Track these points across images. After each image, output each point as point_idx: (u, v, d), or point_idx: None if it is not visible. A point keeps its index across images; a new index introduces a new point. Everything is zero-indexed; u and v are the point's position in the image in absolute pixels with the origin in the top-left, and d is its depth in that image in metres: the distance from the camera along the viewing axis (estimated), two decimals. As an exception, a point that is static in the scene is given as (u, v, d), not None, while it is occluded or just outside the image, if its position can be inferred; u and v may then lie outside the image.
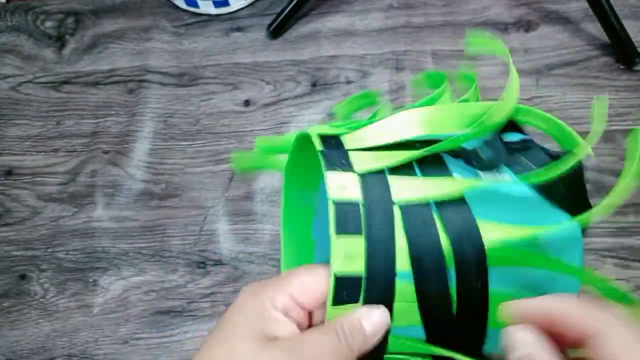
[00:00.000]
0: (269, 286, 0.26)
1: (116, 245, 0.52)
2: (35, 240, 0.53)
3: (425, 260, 0.26)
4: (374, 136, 0.30)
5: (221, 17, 0.65)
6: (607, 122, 0.55)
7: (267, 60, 0.62)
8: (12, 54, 0.65)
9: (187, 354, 0.47)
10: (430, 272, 0.26)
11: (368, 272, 0.26)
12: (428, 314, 0.27)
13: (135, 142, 0.57)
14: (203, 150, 0.56)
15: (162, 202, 0.54)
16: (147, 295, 0.49)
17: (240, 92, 0.60)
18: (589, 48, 0.59)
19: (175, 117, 0.58)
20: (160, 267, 0.50)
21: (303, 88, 0.59)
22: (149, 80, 0.61)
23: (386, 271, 0.26)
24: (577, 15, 0.61)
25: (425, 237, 0.26)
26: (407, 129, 0.31)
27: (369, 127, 0.31)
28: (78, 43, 0.65)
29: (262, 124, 0.57)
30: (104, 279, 0.50)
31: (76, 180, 0.56)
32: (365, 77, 0.59)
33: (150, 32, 0.65)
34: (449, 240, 0.26)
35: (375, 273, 0.26)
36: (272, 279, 0.27)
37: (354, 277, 0.26)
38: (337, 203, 0.26)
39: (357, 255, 0.26)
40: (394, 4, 0.65)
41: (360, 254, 0.26)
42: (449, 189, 0.27)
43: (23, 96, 0.62)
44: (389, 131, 0.31)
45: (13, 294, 0.50)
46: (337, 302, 0.25)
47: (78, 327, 0.48)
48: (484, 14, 0.63)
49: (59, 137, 0.58)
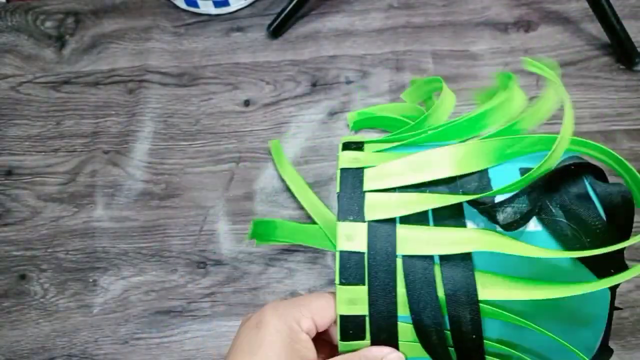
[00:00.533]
0: (292, 307, 0.29)
1: (116, 245, 0.52)
2: (35, 240, 0.53)
3: (424, 311, 0.27)
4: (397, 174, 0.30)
5: (221, 17, 0.65)
6: (607, 122, 0.55)
7: (267, 60, 0.62)
8: (12, 54, 0.65)
9: (187, 354, 0.47)
10: (429, 323, 0.27)
11: (371, 314, 0.28)
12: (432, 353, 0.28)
13: (135, 142, 0.57)
14: (203, 150, 0.56)
15: (162, 202, 0.54)
16: (147, 295, 0.49)
17: (240, 92, 0.60)
18: (589, 48, 0.59)
19: (175, 117, 0.59)
20: (160, 267, 0.50)
21: (303, 88, 0.59)
22: (149, 80, 0.61)
23: (388, 315, 0.28)
24: (577, 15, 0.61)
25: (424, 290, 0.27)
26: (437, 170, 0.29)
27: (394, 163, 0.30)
28: (78, 43, 0.65)
29: (262, 124, 0.57)
30: (104, 279, 0.50)
31: (76, 180, 0.56)
32: (365, 77, 0.59)
33: (150, 32, 0.65)
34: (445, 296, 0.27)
35: (378, 315, 0.28)
36: (293, 300, 0.29)
37: (358, 317, 0.28)
38: (342, 252, 0.28)
39: (360, 301, 0.28)
40: (394, 4, 0.65)
41: (363, 300, 0.28)
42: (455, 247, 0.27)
43: (23, 96, 0.62)
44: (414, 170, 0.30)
45: (13, 294, 0.50)
46: (345, 337, 0.28)
47: (78, 327, 0.48)
48: (484, 14, 0.63)
49: (59, 137, 0.58)
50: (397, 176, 0.30)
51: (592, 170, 0.30)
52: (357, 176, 0.30)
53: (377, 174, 0.30)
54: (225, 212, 0.53)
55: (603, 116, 0.55)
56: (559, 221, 0.27)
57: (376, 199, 0.29)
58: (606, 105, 0.55)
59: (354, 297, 0.28)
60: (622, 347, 0.44)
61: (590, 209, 0.28)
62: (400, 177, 0.30)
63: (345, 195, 0.29)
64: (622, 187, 0.29)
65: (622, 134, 0.54)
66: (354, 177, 0.30)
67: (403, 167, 0.30)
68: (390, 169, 0.30)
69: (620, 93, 0.56)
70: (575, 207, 0.28)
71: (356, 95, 0.58)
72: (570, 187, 0.29)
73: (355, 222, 0.28)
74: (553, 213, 0.28)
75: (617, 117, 0.55)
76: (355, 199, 0.29)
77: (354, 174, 0.30)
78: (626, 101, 0.55)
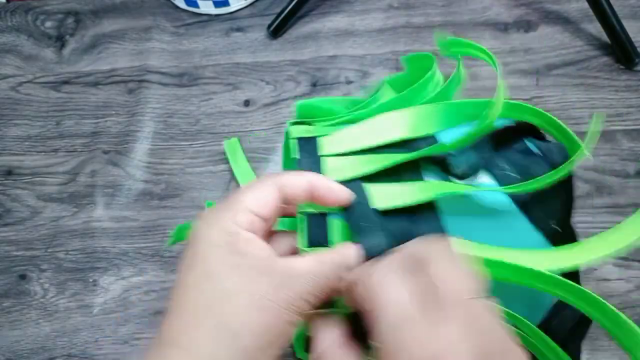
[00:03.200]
0: (224, 209, 0.26)
1: (116, 245, 0.52)
2: (35, 240, 0.53)
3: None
4: (353, 139, 0.31)
5: (221, 17, 0.65)
6: (607, 122, 0.55)
7: (267, 60, 0.62)
8: (12, 54, 0.65)
9: (187, 354, 0.47)
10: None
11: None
12: None
13: (135, 142, 0.57)
14: (203, 150, 0.56)
15: (162, 202, 0.54)
16: (147, 295, 0.49)
17: (240, 92, 0.60)
18: (589, 48, 0.59)
19: (175, 117, 0.58)
20: (160, 267, 0.50)
21: (303, 88, 0.59)
22: (149, 80, 0.61)
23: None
24: (577, 15, 0.61)
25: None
26: (388, 132, 0.31)
27: (349, 129, 0.31)
28: (78, 43, 0.65)
29: (262, 124, 0.57)
30: (104, 279, 0.50)
31: (76, 180, 0.56)
32: (365, 77, 0.59)
33: (150, 32, 0.65)
34: None
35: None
36: (223, 203, 0.26)
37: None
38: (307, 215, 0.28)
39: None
40: (394, 4, 0.65)
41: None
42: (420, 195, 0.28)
43: (23, 96, 0.62)
44: (368, 134, 0.31)
45: (13, 294, 0.50)
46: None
47: (78, 327, 0.48)
48: (484, 14, 0.63)
49: (59, 137, 0.58)
50: (352, 140, 0.31)
51: (531, 131, 0.33)
52: (312, 143, 0.31)
53: (333, 140, 0.31)
54: (225, 212, 0.53)
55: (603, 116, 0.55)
56: (509, 174, 0.30)
57: (335, 162, 0.30)
58: (606, 105, 0.55)
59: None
60: (622, 347, 0.44)
61: (537, 162, 0.30)
62: (355, 141, 0.30)
63: (304, 160, 0.30)
64: (558, 143, 0.32)
65: (622, 134, 0.54)
66: (310, 145, 0.31)
67: (357, 132, 0.31)
68: (345, 135, 0.31)
69: (620, 93, 0.56)
70: (523, 162, 0.30)
71: (356, 95, 0.58)
72: (514, 146, 0.31)
73: None
74: (504, 167, 0.30)
75: (617, 117, 0.55)
76: (315, 163, 0.29)
77: (309, 142, 0.31)
78: (626, 101, 0.55)
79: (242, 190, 0.26)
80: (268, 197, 0.26)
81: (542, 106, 0.54)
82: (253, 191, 0.26)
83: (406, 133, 0.31)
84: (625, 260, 0.47)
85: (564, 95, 0.56)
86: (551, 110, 0.57)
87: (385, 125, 0.31)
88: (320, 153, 0.30)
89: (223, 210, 0.25)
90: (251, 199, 0.26)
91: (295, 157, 0.30)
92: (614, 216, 0.49)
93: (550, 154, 0.31)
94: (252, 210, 0.25)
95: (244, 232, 0.25)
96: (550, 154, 0.31)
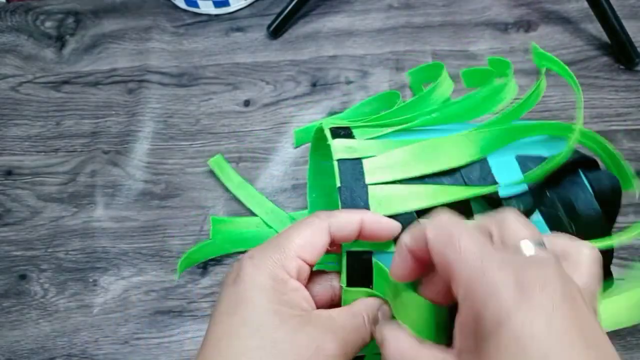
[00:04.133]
0: (272, 250, 0.24)
1: (116, 245, 0.52)
2: (35, 240, 0.53)
3: None
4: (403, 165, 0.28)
5: (221, 17, 0.65)
6: (607, 122, 0.55)
7: (267, 60, 0.62)
8: (12, 54, 0.65)
9: (187, 354, 0.47)
10: None
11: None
12: None
13: (135, 142, 0.57)
14: (203, 150, 0.56)
15: (162, 202, 0.54)
16: (147, 295, 0.49)
17: (240, 92, 0.60)
18: (589, 48, 0.59)
19: (175, 117, 0.58)
20: (160, 267, 0.50)
21: (303, 88, 0.59)
22: (149, 80, 0.61)
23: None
24: (577, 15, 0.61)
25: None
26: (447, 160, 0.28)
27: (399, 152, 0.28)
28: (78, 43, 0.65)
29: (262, 124, 0.57)
30: (104, 279, 0.50)
31: (76, 180, 0.56)
32: (365, 77, 0.59)
33: (150, 32, 0.65)
34: None
35: None
36: (271, 241, 0.25)
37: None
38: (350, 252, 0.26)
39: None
40: (394, 4, 0.65)
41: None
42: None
43: (23, 96, 0.62)
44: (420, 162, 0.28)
45: (13, 294, 0.50)
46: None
47: (78, 327, 0.48)
48: (484, 14, 0.63)
49: (59, 137, 0.58)
50: (400, 167, 0.28)
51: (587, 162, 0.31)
52: (356, 167, 0.28)
53: (379, 164, 0.28)
54: (225, 212, 0.52)
55: (603, 116, 0.55)
56: (557, 213, 0.28)
57: (381, 193, 0.27)
58: (606, 105, 0.55)
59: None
60: (623, 346, 0.44)
61: (586, 200, 0.29)
62: (404, 168, 0.28)
63: (347, 188, 0.27)
64: (611, 175, 0.30)
65: (622, 134, 0.54)
66: (354, 169, 0.28)
67: (406, 156, 0.28)
68: (393, 159, 0.28)
69: (620, 93, 0.56)
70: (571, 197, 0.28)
71: (356, 95, 0.58)
72: (568, 177, 0.29)
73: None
74: (552, 205, 0.28)
75: (617, 117, 0.55)
76: (358, 192, 0.27)
77: (353, 166, 0.28)
78: (626, 101, 0.55)
79: (292, 231, 0.25)
80: (318, 244, 0.25)
81: (542, 106, 0.54)
82: (304, 235, 0.25)
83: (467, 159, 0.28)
84: (625, 260, 0.47)
85: (564, 95, 0.56)
86: (551, 110, 0.57)
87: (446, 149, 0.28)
88: (366, 181, 0.27)
89: (272, 252, 0.24)
90: (301, 244, 0.25)
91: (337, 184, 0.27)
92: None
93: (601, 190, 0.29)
94: (300, 257, 0.24)
95: (292, 280, 0.24)
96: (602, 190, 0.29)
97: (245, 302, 0.23)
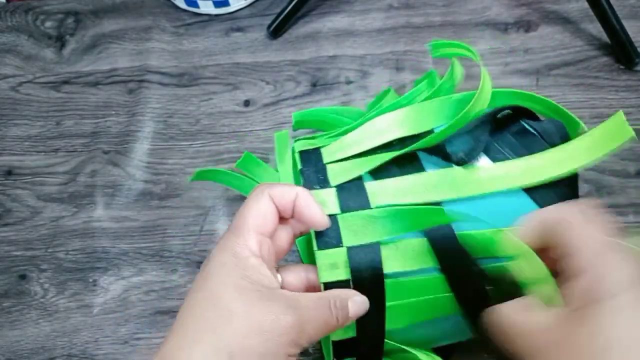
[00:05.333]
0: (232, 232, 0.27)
1: (116, 245, 0.52)
2: (35, 240, 0.53)
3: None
4: (354, 144, 0.32)
5: (221, 17, 0.65)
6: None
7: (267, 60, 0.62)
8: (12, 54, 0.65)
9: (187, 354, 0.47)
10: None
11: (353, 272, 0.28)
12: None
13: (135, 142, 0.57)
14: (203, 150, 0.56)
15: (162, 202, 0.54)
16: (147, 295, 0.49)
17: (240, 92, 0.60)
18: (589, 48, 0.59)
19: (175, 117, 0.58)
20: (160, 267, 0.50)
21: (303, 88, 0.59)
22: (149, 80, 0.61)
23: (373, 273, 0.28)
24: (577, 15, 0.61)
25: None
26: (387, 133, 0.32)
27: (350, 135, 0.33)
28: (78, 43, 0.65)
29: (262, 124, 0.57)
30: (104, 279, 0.50)
31: (76, 180, 0.56)
32: (365, 77, 0.59)
33: (150, 32, 0.65)
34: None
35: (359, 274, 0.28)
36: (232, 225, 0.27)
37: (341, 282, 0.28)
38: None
39: (341, 264, 0.28)
40: (394, 4, 0.65)
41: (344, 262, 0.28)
42: (424, 195, 0.29)
43: (23, 96, 0.62)
44: (368, 137, 0.32)
45: (13, 294, 0.50)
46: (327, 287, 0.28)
47: (78, 327, 0.48)
48: (484, 14, 0.63)
49: (59, 137, 0.58)
50: (354, 145, 0.32)
51: (525, 113, 0.34)
52: (315, 154, 0.32)
53: (335, 147, 0.32)
54: (225, 212, 0.53)
55: (603, 116, 0.55)
56: (508, 157, 0.31)
57: (340, 165, 0.31)
58: (606, 105, 0.55)
59: (334, 261, 0.28)
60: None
61: (535, 142, 0.32)
62: (357, 145, 0.32)
63: (308, 169, 0.31)
64: (556, 121, 0.33)
65: (622, 134, 0.53)
66: (313, 155, 0.32)
67: (358, 136, 0.32)
68: (347, 140, 0.32)
69: (620, 93, 0.56)
70: (521, 142, 0.32)
71: (356, 95, 0.58)
72: (511, 128, 0.33)
73: (323, 189, 0.30)
74: (502, 151, 0.31)
75: (617, 117, 0.55)
76: (319, 171, 0.31)
77: (313, 153, 0.32)
78: (626, 101, 0.55)
79: (244, 210, 0.27)
80: (267, 212, 0.27)
81: (542, 106, 0.54)
82: (254, 211, 0.27)
83: (405, 131, 0.32)
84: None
85: (563, 95, 0.56)
86: (551, 110, 0.56)
87: (383, 125, 0.32)
88: (323, 161, 0.32)
89: (234, 235, 0.26)
90: (254, 220, 0.27)
91: (299, 168, 0.31)
92: (613, 216, 0.49)
93: (547, 134, 0.33)
94: (257, 231, 0.26)
95: (254, 258, 0.26)
96: (548, 134, 0.33)
97: (209, 279, 0.25)
